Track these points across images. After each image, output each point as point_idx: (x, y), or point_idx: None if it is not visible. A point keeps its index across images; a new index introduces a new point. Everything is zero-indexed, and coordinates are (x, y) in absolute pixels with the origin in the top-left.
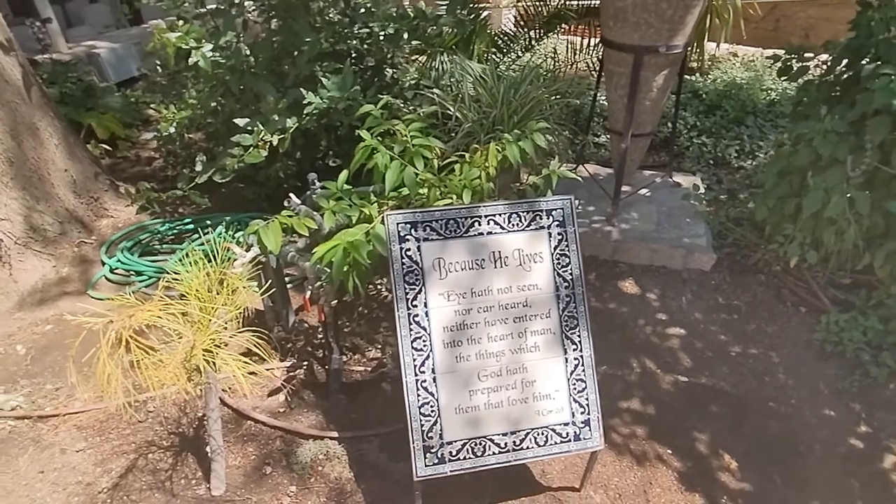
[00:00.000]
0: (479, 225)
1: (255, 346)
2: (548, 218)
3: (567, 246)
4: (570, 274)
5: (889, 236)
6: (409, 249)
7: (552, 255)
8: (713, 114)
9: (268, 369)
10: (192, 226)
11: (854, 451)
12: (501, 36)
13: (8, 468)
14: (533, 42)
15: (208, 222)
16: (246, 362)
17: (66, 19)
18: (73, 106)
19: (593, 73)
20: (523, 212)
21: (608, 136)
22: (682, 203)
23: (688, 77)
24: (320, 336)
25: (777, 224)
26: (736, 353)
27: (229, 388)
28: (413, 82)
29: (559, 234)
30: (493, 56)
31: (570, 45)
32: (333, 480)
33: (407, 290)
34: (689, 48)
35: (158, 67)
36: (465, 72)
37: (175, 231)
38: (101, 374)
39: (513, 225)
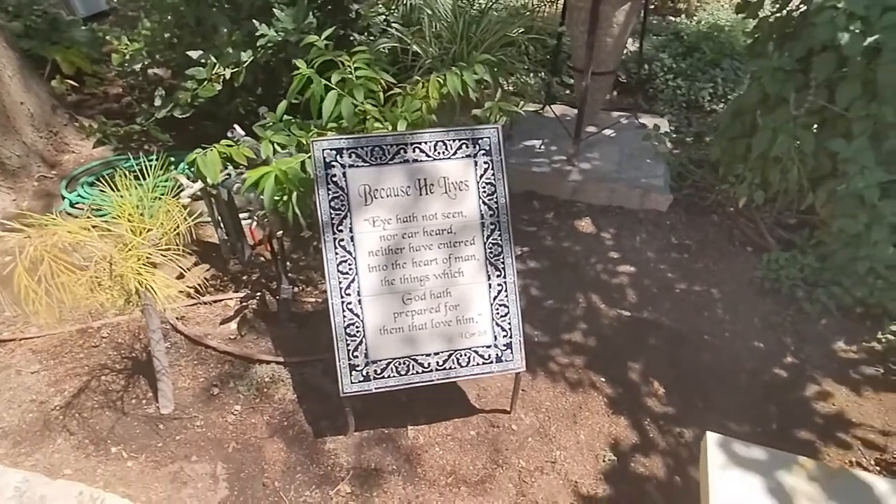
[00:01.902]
0: (406, 152)
1: (177, 262)
2: (474, 147)
3: (493, 175)
4: (496, 202)
5: (832, 176)
6: (334, 175)
7: (478, 183)
8: (691, 56)
9: (221, 300)
10: (154, 162)
11: (777, 380)
12: None
13: None
14: None
15: (171, 158)
16: (179, 272)
17: None
18: (37, 40)
19: None
20: (450, 140)
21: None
22: (646, 144)
23: (672, 18)
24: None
25: (730, 164)
26: (681, 289)
27: (182, 318)
28: (382, 19)
29: (485, 162)
30: None
31: None
32: (277, 401)
33: (332, 216)
34: None
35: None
36: (428, 7)
37: (135, 166)
38: (19, 290)
39: (439, 153)
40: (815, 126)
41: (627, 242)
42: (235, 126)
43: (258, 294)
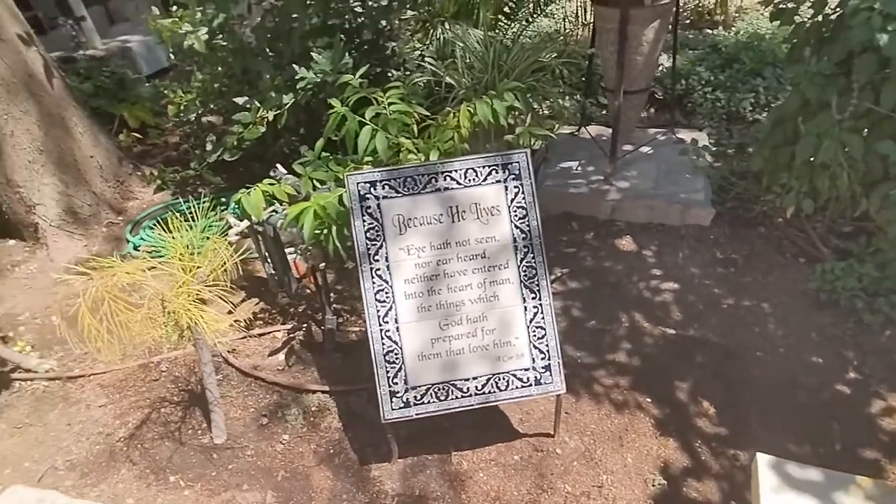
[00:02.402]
0: (437, 181)
1: (221, 297)
2: (504, 172)
3: (524, 198)
4: (528, 225)
5: (885, 180)
6: (369, 207)
7: (509, 207)
8: (730, 67)
9: (269, 332)
10: (205, 203)
11: (839, 397)
12: (508, 0)
13: (40, 421)
14: (542, 5)
15: (223, 199)
16: (229, 307)
17: (108, 16)
18: (106, 98)
19: None
20: (480, 166)
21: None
22: (684, 159)
23: (709, 31)
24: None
25: (774, 174)
26: (728, 305)
27: (233, 350)
28: (418, 54)
29: (516, 187)
30: (501, 22)
31: (581, 6)
32: (324, 429)
33: (368, 246)
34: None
35: (171, 55)
36: (460, 40)
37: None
38: (83, 328)
39: (470, 180)
40: (865, 130)
41: (670, 259)
42: (278, 165)
43: (304, 325)
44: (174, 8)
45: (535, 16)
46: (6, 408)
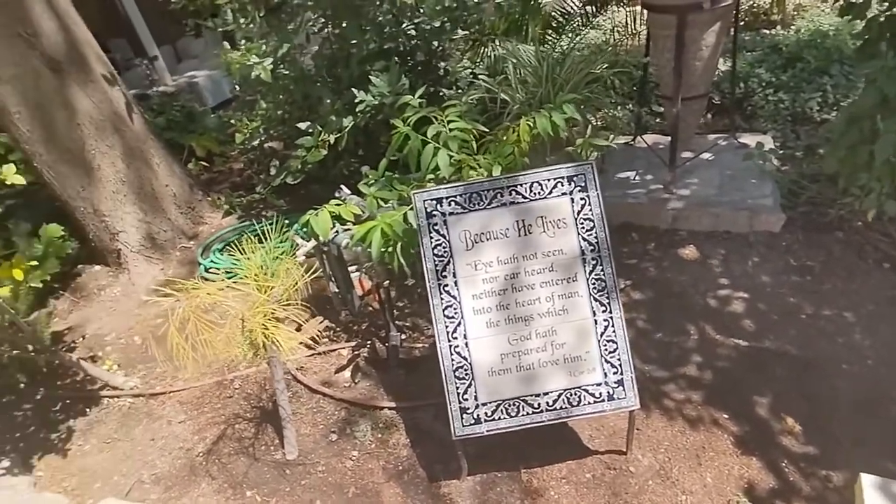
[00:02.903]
0: (503, 196)
1: (302, 311)
2: (570, 184)
3: (591, 210)
4: (596, 237)
5: None
6: (436, 224)
7: (576, 219)
8: (792, 67)
9: (334, 349)
10: (271, 225)
11: None
12: (556, 15)
13: (127, 437)
14: (590, 17)
15: (286, 221)
16: (297, 326)
17: (175, 55)
18: (177, 131)
19: None
20: (545, 179)
21: (662, 106)
22: (748, 164)
23: (766, 31)
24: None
25: (850, 175)
26: (806, 315)
27: (302, 368)
28: (469, 72)
29: (582, 199)
30: (549, 37)
31: (630, 15)
32: (391, 446)
33: (436, 262)
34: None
35: (237, 86)
36: (512, 56)
37: (257, 231)
38: (170, 346)
39: (535, 193)
40: None
41: (738, 268)
42: (342, 186)
43: (368, 343)
44: (242, 42)
45: (583, 29)
46: (96, 423)
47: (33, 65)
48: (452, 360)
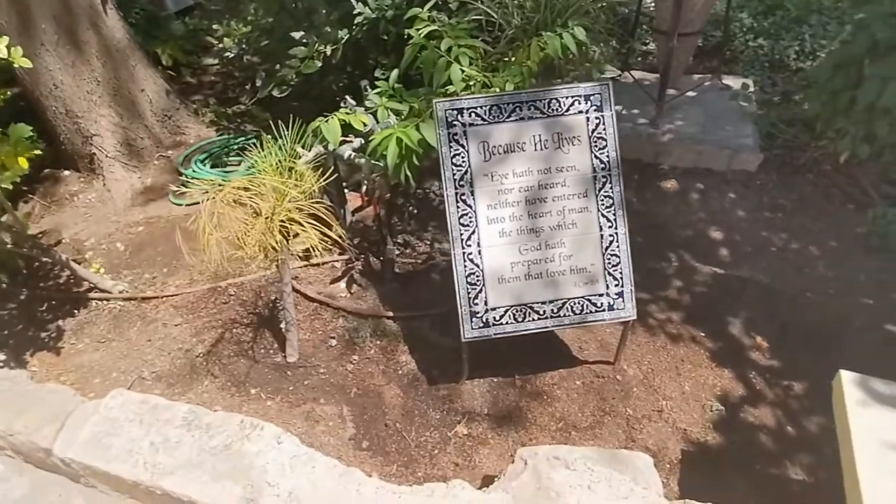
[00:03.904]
0: (521, 110)
1: (324, 216)
2: (586, 103)
3: (604, 129)
4: (607, 156)
5: None
6: (455, 134)
7: (590, 137)
8: (773, 14)
9: (328, 262)
10: (255, 139)
11: (891, 336)
12: None
13: (122, 337)
14: None
15: (269, 136)
16: (319, 230)
17: None
18: (139, 35)
19: None
20: (563, 97)
21: (655, 41)
22: (731, 105)
23: None
24: (375, 234)
25: (829, 119)
26: (777, 248)
27: (296, 278)
28: None
29: (597, 118)
30: None
31: None
32: (390, 352)
33: (454, 172)
34: None
35: None
36: None
37: (240, 145)
38: (202, 235)
39: (553, 110)
40: None
41: (716, 203)
42: (347, 97)
43: (362, 256)
44: None
45: None
46: (87, 324)
47: None
48: (465, 266)
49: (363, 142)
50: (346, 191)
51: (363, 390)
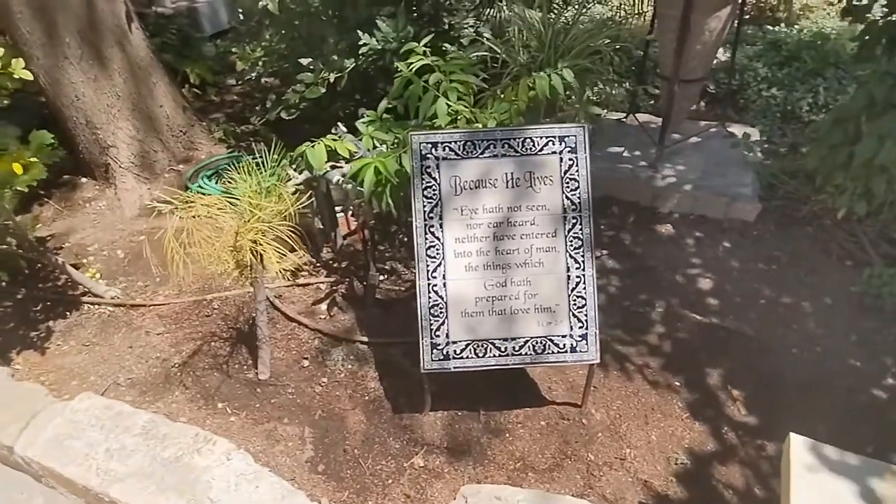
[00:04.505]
0: (495, 148)
1: (289, 237)
2: (560, 144)
3: (577, 171)
4: (578, 197)
5: None
6: (428, 167)
7: (562, 178)
8: (789, 65)
9: (313, 283)
10: (269, 156)
11: (877, 401)
12: None
13: (106, 342)
14: None
15: (275, 157)
16: (281, 252)
17: None
18: (171, 54)
19: None
20: (538, 136)
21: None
22: (733, 153)
23: (770, 27)
24: (363, 258)
25: (828, 174)
26: (767, 300)
27: (280, 296)
28: (473, 30)
29: (570, 159)
30: (556, 4)
31: None
32: (360, 377)
33: (425, 203)
34: None
35: (240, 16)
36: (518, 19)
37: (246, 162)
38: (166, 252)
39: (527, 149)
40: None
41: (710, 251)
42: (339, 124)
43: (347, 280)
44: None
45: (589, 2)
46: (76, 327)
47: None
48: (429, 297)
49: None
50: (338, 214)
51: (328, 413)
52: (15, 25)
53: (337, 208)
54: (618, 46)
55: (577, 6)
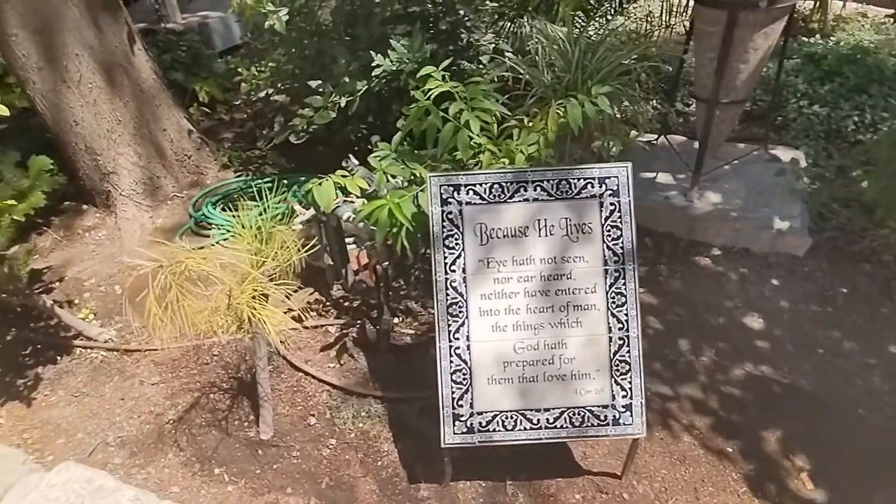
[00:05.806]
0: (526, 190)
1: (287, 297)
2: (600, 186)
3: (620, 217)
4: (621, 248)
5: None
6: (450, 213)
7: (602, 226)
8: (831, 81)
9: (322, 325)
10: (270, 185)
11: None
12: None
13: (96, 392)
14: (623, 3)
15: (285, 182)
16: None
17: None
18: (181, 72)
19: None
20: (574, 178)
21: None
22: (777, 180)
23: (805, 39)
24: (377, 295)
25: (889, 206)
26: (824, 349)
27: (284, 341)
28: (492, 47)
29: (612, 204)
30: (580, 19)
31: (666, 6)
32: (372, 438)
33: (446, 255)
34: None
35: (249, 34)
36: (541, 35)
37: (254, 189)
38: (148, 313)
39: (561, 192)
40: None
41: (755, 288)
42: (350, 156)
43: (358, 322)
44: None
45: (613, 14)
46: (66, 374)
47: None
48: (451, 361)
49: (364, 203)
50: (349, 246)
51: (336, 481)
52: (10, 49)
53: (348, 239)
54: (646, 63)
55: (599, 19)
